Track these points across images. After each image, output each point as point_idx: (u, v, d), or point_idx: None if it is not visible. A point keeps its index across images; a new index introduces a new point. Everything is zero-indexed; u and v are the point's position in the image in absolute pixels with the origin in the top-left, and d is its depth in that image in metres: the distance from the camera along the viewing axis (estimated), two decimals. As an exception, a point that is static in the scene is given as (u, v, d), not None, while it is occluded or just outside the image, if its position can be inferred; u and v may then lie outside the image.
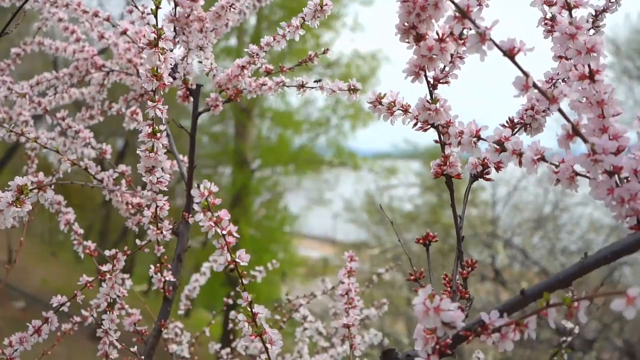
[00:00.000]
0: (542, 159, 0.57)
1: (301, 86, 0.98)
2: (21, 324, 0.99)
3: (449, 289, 0.67)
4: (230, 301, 1.48)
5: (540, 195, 7.38)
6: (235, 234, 0.64)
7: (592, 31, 0.74)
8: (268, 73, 1.01)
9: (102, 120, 1.26)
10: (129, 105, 1.22)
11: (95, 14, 1.11)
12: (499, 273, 5.76)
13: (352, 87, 0.83)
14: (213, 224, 0.63)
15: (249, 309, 0.66)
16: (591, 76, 0.55)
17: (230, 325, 1.37)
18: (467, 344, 0.56)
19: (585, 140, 0.52)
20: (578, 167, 0.56)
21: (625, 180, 0.54)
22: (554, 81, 0.70)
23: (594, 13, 0.75)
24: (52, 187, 0.71)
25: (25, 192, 0.67)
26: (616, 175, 0.54)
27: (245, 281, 0.67)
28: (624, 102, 9.17)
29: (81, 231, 1.12)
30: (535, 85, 0.52)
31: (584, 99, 0.56)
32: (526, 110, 0.70)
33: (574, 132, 0.52)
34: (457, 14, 0.52)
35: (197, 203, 0.62)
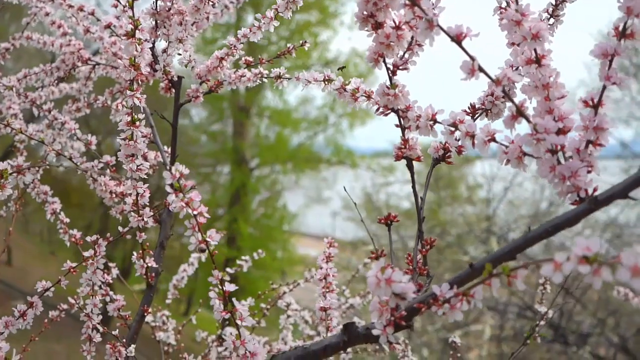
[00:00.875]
0: (493, 139, 0.60)
1: (278, 77, 1.01)
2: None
3: (410, 267, 0.69)
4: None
5: (537, 191, 7.41)
6: (206, 215, 0.67)
7: (552, 20, 0.77)
8: (248, 65, 1.04)
9: (101, 120, 1.29)
10: (114, 98, 1.25)
11: (80, 9, 1.14)
12: (494, 269, 5.77)
13: (326, 78, 0.86)
14: (184, 205, 0.66)
15: (219, 287, 0.69)
16: (537, 61, 0.58)
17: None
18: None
19: (528, 121, 0.55)
20: (527, 148, 0.59)
21: (569, 159, 0.57)
22: (514, 68, 0.73)
23: (554, 2, 0.78)
24: (39, 172, 0.74)
25: (5, 175, 0.70)
26: (561, 154, 0.57)
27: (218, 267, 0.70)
28: (621, 100, 9.19)
29: (67, 220, 1.14)
30: (481, 69, 0.55)
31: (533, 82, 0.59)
32: (487, 96, 0.73)
33: (518, 113, 0.55)
34: (408, 2, 0.55)
35: (170, 185, 0.65)
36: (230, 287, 0.69)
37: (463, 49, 0.55)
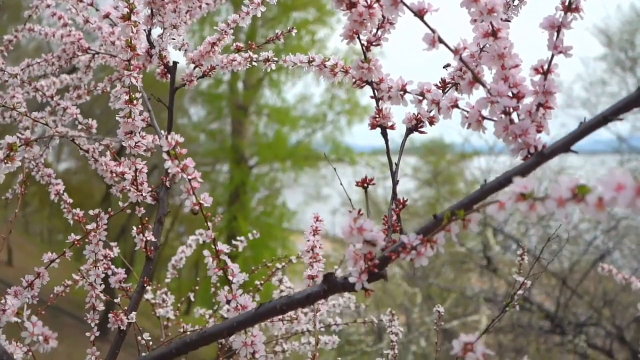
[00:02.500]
0: (456, 105, 0.67)
1: (267, 60, 1.07)
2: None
3: (386, 226, 0.76)
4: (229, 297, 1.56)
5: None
6: (200, 179, 0.73)
7: (516, 1, 0.84)
8: (238, 51, 1.11)
9: (100, 119, 1.36)
10: (113, 85, 1.31)
11: (79, 0, 1.20)
12: (490, 261, 5.86)
13: (311, 59, 0.92)
14: (180, 170, 0.73)
15: (213, 247, 0.76)
16: (494, 33, 0.65)
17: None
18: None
19: (484, 86, 0.62)
20: (484, 112, 0.66)
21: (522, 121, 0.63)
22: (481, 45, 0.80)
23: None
24: (48, 148, 0.80)
25: (14, 148, 0.76)
26: (516, 116, 0.64)
27: (209, 224, 0.77)
28: (617, 93, 9.25)
29: (70, 200, 1.21)
30: (440, 40, 0.61)
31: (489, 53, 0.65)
32: (456, 70, 0.80)
33: (475, 79, 0.62)
34: (375, -19, 0.61)
35: (166, 152, 0.72)
36: (223, 247, 0.76)
37: (425, 22, 0.61)
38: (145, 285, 1.10)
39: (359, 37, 0.71)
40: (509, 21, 0.80)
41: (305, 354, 1.36)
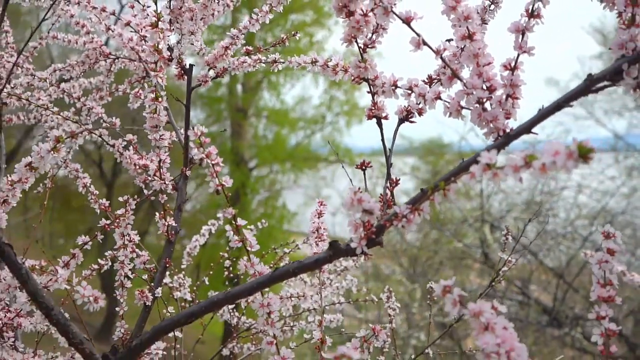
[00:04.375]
0: (439, 97, 0.79)
1: (274, 62, 1.20)
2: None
3: (381, 202, 0.89)
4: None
5: (529, 179, 7.63)
6: (221, 164, 0.86)
7: (492, 6, 0.96)
8: (248, 53, 1.23)
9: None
10: (132, 87, 1.43)
11: (103, 10, 1.33)
12: (487, 256, 5.98)
13: (314, 60, 1.04)
14: (205, 157, 0.85)
15: (233, 222, 0.88)
16: (470, 36, 0.77)
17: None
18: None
19: (461, 80, 0.74)
20: (463, 103, 0.78)
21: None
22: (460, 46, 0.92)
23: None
24: (84, 138, 0.93)
25: (61, 140, 0.88)
26: (489, 105, 0.76)
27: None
28: (613, 91, 9.38)
29: (96, 192, 1.33)
30: (424, 43, 0.74)
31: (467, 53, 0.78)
32: (440, 68, 0.92)
33: (453, 75, 0.74)
34: (369, -6, 0.74)
35: (192, 140, 0.84)
36: (241, 222, 0.88)
37: (411, 28, 0.74)
38: (167, 265, 1.22)
39: (356, 41, 0.83)
40: (487, 23, 0.93)
41: (311, 332, 1.48)
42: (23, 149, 7.91)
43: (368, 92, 0.87)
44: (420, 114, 0.90)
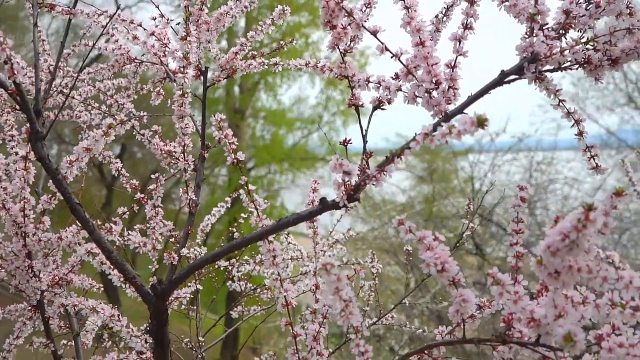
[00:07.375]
0: (400, 89, 1.06)
1: (276, 64, 1.47)
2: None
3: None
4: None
5: (521, 172, 7.93)
6: (236, 143, 1.13)
7: (445, 18, 1.23)
8: (253, 58, 1.50)
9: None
10: (156, 86, 1.70)
11: (131, 22, 1.59)
12: (479, 247, 6.26)
13: (307, 62, 1.31)
14: (223, 137, 1.12)
15: (246, 187, 1.15)
16: (422, 43, 1.04)
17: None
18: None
19: (413, 76, 1.02)
20: (417, 93, 1.05)
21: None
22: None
23: (446, 6, 1.24)
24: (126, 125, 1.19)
25: (112, 126, 1.15)
26: (436, 94, 1.03)
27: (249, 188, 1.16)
28: (605, 87, 9.62)
29: (127, 175, 1.60)
30: (386, 49, 1.01)
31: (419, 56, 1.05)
32: (402, 68, 1.19)
33: (408, 72, 1.02)
34: (346, 13, 1.01)
35: (213, 124, 1.11)
36: (252, 187, 1.15)
37: (377, 38, 1.01)
38: (189, 232, 1.49)
39: (338, 47, 1.10)
40: (440, 31, 1.20)
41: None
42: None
43: (347, 86, 1.14)
44: (389, 102, 1.17)
